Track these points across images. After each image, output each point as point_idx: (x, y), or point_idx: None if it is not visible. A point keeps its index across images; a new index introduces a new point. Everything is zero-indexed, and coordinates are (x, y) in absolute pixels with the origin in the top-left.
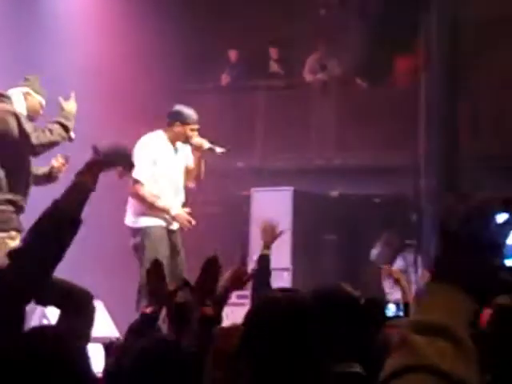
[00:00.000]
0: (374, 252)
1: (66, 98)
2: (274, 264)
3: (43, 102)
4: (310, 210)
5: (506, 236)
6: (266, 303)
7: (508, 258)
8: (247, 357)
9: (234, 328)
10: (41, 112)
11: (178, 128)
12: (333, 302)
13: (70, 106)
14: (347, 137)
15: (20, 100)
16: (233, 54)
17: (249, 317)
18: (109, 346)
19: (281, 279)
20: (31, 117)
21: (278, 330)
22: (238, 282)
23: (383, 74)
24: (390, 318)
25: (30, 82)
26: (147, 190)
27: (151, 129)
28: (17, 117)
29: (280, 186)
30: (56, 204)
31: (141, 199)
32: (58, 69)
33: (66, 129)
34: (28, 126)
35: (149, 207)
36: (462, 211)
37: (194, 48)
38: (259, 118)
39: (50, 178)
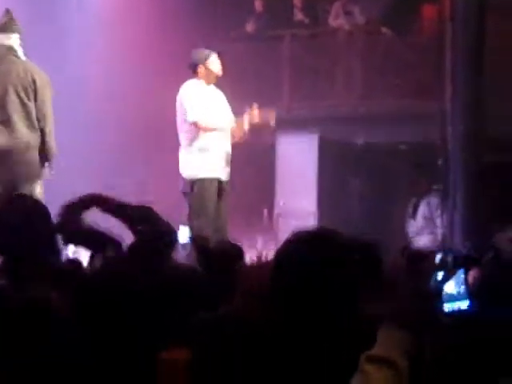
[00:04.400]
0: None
1: None
2: (300, 208)
3: None
4: (335, 157)
5: (442, 288)
6: (300, 239)
7: (447, 302)
8: (280, 297)
9: (263, 265)
10: None
11: (202, 69)
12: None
13: None
14: (373, 85)
15: (22, 52)
16: (258, 3)
17: (279, 254)
18: None
19: (307, 222)
20: None
21: (312, 265)
22: None
23: (409, 23)
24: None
25: (16, 26)
26: (205, 122)
27: (181, 77)
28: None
29: (306, 133)
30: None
31: (207, 130)
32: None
33: None
34: None
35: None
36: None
37: None
38: (284, 67)
39: None
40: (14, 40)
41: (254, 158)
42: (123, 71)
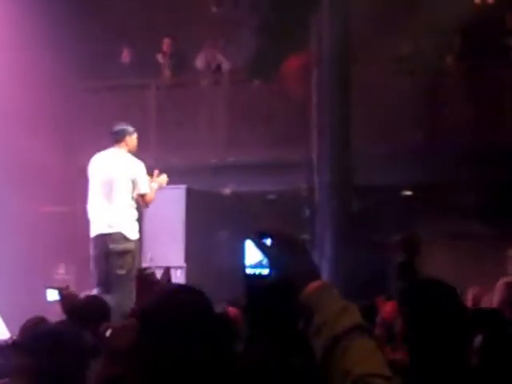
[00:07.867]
0: None
1: None
2: (167, 262)
3: None
4: (203, 207)
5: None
6: (162, 297)
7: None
8: (143, 351)
9: (128, 325)
10: None
11: (130, 141)
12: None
13: None
14: (240, 134)
15: None
16: (125, 53)
17: (144, 311)
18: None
19: (174, 277)
20: None
21: (175, 322)
22: None
23: (275, 72)
24: None
25: None
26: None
27: (41, 127)
28: None
29: (173, 184)
30: None
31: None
32: None
33: None
34: None
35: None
36: None
37: (86, 46)
38: (151, 117)
39: None
40: None
41: None
42: None
